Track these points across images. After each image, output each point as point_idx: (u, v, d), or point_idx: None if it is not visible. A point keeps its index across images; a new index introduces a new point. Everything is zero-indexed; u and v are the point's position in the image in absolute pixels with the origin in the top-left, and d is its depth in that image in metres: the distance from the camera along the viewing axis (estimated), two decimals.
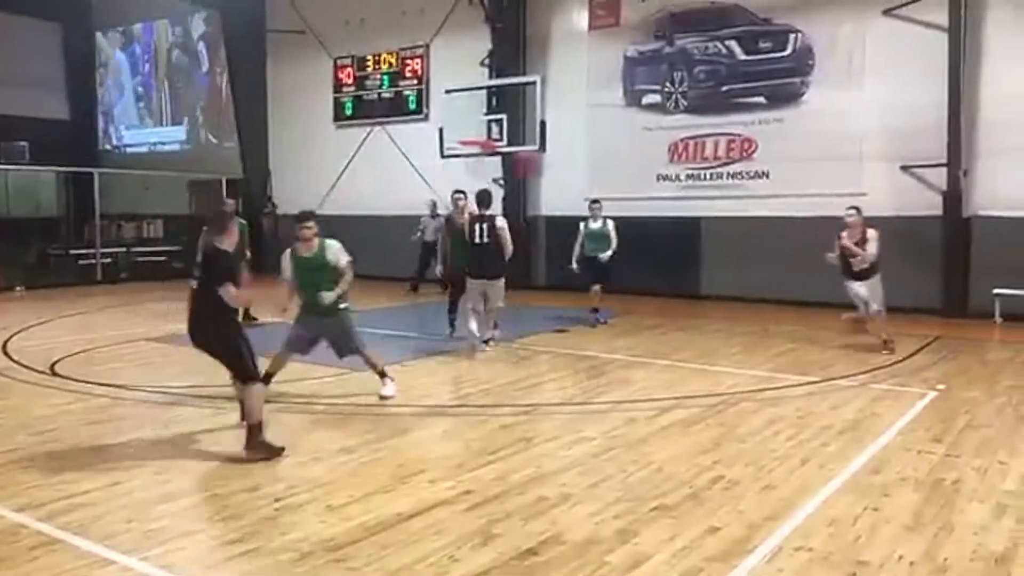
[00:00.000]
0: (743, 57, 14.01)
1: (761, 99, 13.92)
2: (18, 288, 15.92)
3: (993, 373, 8.27)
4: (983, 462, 5.25)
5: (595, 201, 11.57)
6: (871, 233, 9.12)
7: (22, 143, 20.55)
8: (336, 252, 6.64)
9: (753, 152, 14.00)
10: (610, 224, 11.23)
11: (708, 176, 14.43)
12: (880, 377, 7.92)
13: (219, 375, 7.95)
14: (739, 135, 14.11)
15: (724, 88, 14.21)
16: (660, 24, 14.78)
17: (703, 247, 14.39)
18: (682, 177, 14.67)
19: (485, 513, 4.35)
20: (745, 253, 13.86)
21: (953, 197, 12.17)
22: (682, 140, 14.63)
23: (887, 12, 12.69)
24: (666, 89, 14.80)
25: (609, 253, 11.08)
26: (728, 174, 14.25)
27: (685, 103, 14.64)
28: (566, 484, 4.82)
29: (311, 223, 6.63)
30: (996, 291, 11.72)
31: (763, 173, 13.89)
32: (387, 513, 4.34)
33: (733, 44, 14.08)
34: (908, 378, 7.90)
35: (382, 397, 6.90)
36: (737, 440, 5.78)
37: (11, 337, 10.15)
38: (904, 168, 12.67)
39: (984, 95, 12.18)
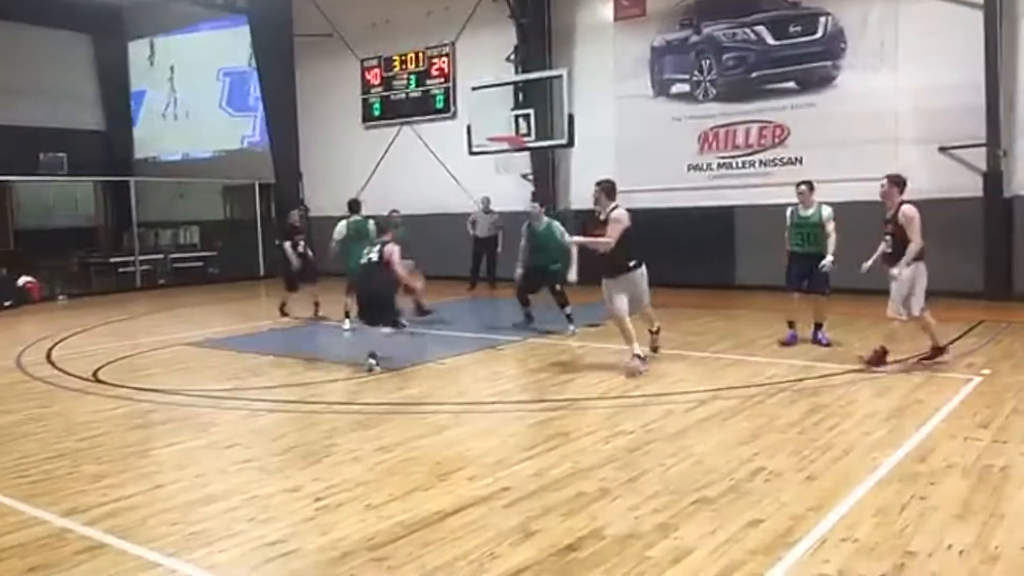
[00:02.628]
0: (773, 42, 13.80)
1: (792, 84, 13.71)
2: (60, 297, 16.23)
3: None
4: None
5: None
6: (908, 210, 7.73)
7: (60, 154, 20.99)
8: None
9: (785, 138, 13.80)
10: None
11: (740, 164, 14.25)
12: (923, 363, 7.75)
13: (256, 378, 8.08)
14: (771, 122, 13.91)
15: (754, 74, 14.02)
16: (687, 12, 14.62)
17: (737, 236, 14.22)
18: (714, 166, 14.51)
19: (524, 509, 4.33)
20: (780, 241, 13.61)
21: (994, 178, 11.89)
22: (712, 129, 14.47)
23: None
24: (695, 78, 14.64)
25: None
26: (760, 162, 14.06)
27: (715, 91, 14.47)
28: (605, 479, 4.79)
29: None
30: None
31: (796, 159, 13.68)
32: (426, 511, 4.34)
33: (762, 29, 13.88)
34: (952, 363, 7.72)
35: None
36: (778, 431, 5.69)
37: (55, 345, 10.36)
38: (942, 149, 12.39)
39: (1022, 73, 11.87)
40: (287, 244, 12.18)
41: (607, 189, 8.09)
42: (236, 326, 11.79)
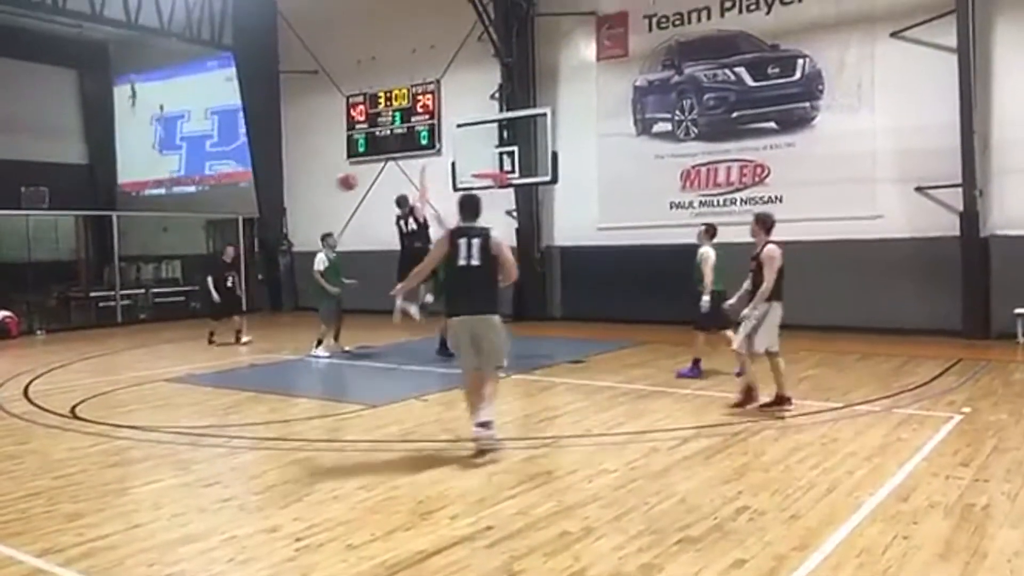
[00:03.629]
0: (752, 83, 14.07)
1: (772, 124, 13.95)
2: (39, 331, 16.05)
3: (1019, 394, 8.14)
4: (1013, 486, 5.14)
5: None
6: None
7: (43, 188, 20.89)
8: None
9: (766, 177, 14.00)
10: None
11: (721, 202, 14.43)
12: (904, 401, 7.82)
13: (235, 415, 8.00)
14: (751, 161, 14.13)
15: (735, 114, 14.26)
16: (668, 53, 14.89)
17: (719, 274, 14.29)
18: (695, 204, 14.67)
19: (507, 549, 4.29)
20: None
21: (970, 217, 12.09)
22: (694, 167, 14.66)
23: (895, 35, 12.73)
24: (676, 117, 14.87)
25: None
26: (741, 200, 14.23)
27: (696, 130, 14.69)
28: (588, 517, 4.76)
29: None
30: (1017, 311, 11.59)
31: (776, 198, 13.86)
32: (408, 551, 4.29)
33: (742, 71, 14.16)
34: (933, 402, 7.78)
35: None
36: (761, 469, 5.70)
37: (32, 380, 10.22)
38: (919, 189, 12.62)
39: (996, 115, 12.16)
40: (209, 279, 13.96)
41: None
42: (217, 362, 11.70)
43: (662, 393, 8.58)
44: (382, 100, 18.61)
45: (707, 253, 9.08)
